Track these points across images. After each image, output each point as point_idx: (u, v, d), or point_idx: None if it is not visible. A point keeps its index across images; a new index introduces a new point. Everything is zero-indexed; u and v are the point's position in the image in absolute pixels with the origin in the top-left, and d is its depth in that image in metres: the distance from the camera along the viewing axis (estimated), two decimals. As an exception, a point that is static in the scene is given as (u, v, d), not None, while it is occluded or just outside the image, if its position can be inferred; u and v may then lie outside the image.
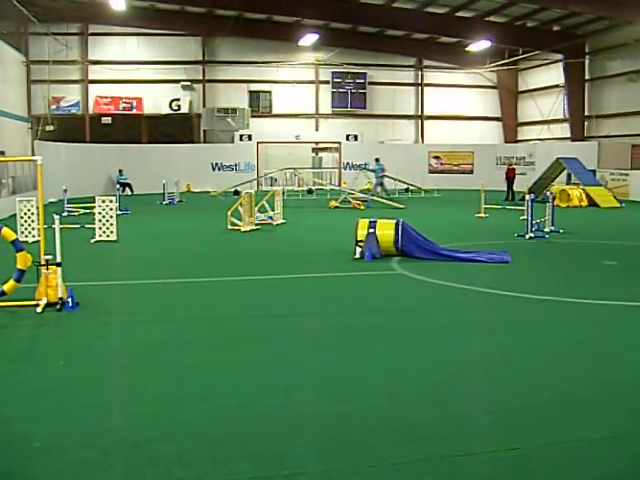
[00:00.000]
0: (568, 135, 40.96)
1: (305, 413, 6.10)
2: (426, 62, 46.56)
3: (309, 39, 40.89)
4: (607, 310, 10.27)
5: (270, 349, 8.11)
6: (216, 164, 41.40)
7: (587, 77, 39.99)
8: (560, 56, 40.61)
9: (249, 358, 7.72)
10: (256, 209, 21.71)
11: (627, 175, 33.30)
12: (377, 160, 34.04)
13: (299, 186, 38.47)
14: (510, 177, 33.30)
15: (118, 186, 31.32)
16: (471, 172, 42.61)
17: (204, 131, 43.52)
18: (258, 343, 8.35)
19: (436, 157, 43.62)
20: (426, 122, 46.90)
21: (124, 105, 42.38)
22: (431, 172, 42.92)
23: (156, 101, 42.70)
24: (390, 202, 27.89)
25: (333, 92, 45.29)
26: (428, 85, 46.93)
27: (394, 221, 15.00)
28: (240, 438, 5.51)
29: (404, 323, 9.48)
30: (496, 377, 7.12)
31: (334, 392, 6.61)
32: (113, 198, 18.93)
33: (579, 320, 9.70)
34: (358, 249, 14.72)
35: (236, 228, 20.41)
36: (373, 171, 34.51)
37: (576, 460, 5.19)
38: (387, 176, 34.38)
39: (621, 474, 5.03)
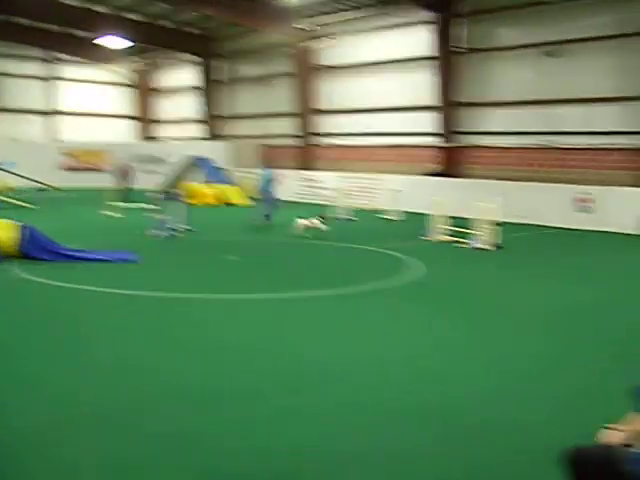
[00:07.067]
0: (202, 135, 42.19)
1: None
2: (61, 55, 44.80)
3: None
4: (229, 304, 10.86)
5: None
6: None
7: (221, 79, 41.45)
8: (196, 57, 41.68)
9: None
10: None
11: (257, 174, 34.98)
12: None
13: None
14: (124, 176, 32.44)
15: None
16: (106, 170, 41.69)
17: None
18: None
19: (70, 155, 42.16)
20: (60, 118, 45.15)
21: None
22: (66, 170, 41.36)
23: None
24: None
25: (-45, 82, 41.81)
26: (62, 79, 45.27)
27: (13, 222, 14.24)
28: None
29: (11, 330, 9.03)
30: (111, 380, 7.07)
31: None
32: None
33: (205, 316, 10.06)
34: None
35: None
36: None
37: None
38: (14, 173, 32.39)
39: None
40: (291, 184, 31.73)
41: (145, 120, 47.67)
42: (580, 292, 12.35)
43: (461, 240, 17.88)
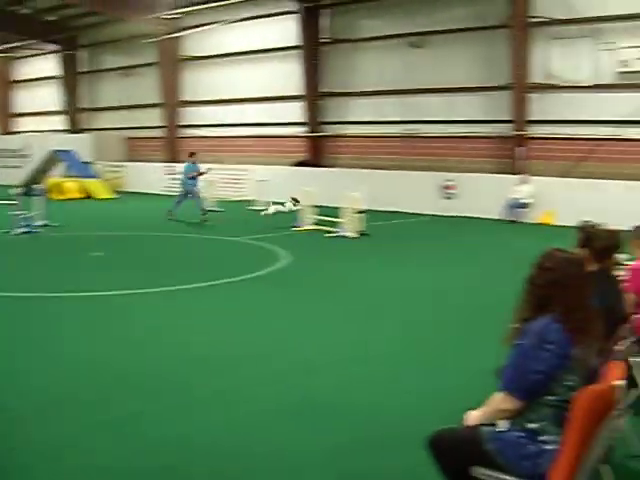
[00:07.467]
0: (65, 127, 40.74)
1: None
2: None
3: None
4: (96, 300, 10.53)
5: None
6: None
7: (82, 70, 40.09)
8: (56, 47, 40.05)
9: None
10: None
11: (123, 167, 34.28)
12: None
13: None
14: None
15: None
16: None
17: None
18: None
19: None
20: None
21: None
22: None
23: None
24: None
25: None
26: None
27: None
28: None
29: None
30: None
31: None
32: None
33: (62, 316, 9.68)
34: None
35: None
36: None
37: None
38: None
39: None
40: (156, 177, 31.38)
41: (2, 112, 45.58)
42: (439, 276, 12.76)
43: (328, 229, 18.07)
